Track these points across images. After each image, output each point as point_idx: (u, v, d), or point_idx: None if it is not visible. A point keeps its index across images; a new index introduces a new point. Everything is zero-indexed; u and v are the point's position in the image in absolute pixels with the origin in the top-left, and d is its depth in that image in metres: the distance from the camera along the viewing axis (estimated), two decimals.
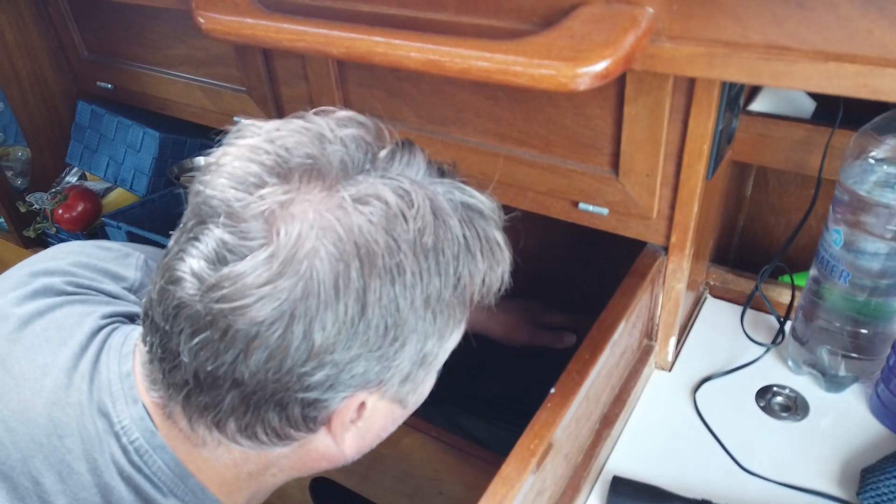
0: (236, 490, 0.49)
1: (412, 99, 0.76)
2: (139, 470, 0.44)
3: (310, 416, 0.43)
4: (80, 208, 1.24)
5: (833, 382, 0.72)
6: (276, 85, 0.91)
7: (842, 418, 0.70)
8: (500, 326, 0.94)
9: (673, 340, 0.76)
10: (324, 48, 0.52)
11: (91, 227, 1.26)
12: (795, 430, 0.70)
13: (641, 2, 0.43)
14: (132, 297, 0.57)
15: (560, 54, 0.43)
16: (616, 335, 0.64)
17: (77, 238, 1.26)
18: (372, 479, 1.00)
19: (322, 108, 0.43)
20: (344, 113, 0.43)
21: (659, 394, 0.75)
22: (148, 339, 0.43)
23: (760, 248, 0.94)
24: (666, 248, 0.71)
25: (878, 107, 0.56)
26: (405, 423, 0.86)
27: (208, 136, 1.39)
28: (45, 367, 0.47)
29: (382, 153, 0.42)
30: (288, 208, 0.39)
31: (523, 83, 0.45)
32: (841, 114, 0.68)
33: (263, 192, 0.39)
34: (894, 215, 0.60)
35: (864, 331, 0.67)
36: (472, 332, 0.53)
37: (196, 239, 0.40)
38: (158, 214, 1.24)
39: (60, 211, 1.23)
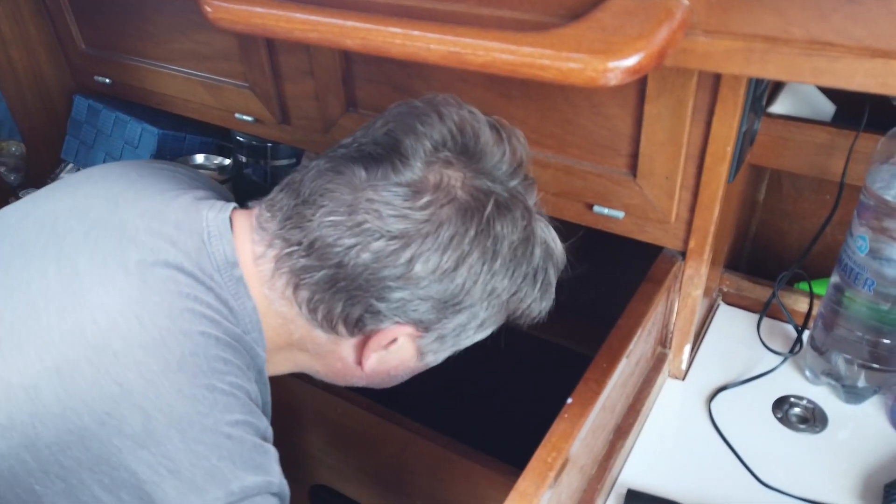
0: (276, 331, 0.56)
1: (421, 96, 0.74)
2: (206, 246, 0.54)
3: (363, 321, 0.53)
4: None
5: (852, 393, 0.70)
6: (280, 81, 0.89)
7: (861, 431, 0.68)
8: None
9: (687, 348, 0.74)
10: (338, 39, 0.50)
11: None
12: (814, 442, 0.68)
13: None
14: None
15: (591, 47, 0.41)
16: (633, 343, 0.62)
17: None
18: (371, 487, 0.97)
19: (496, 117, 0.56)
20: (516, 133, 0.56)
21: (673, 403, 0.73)
22: (284, 200, 0.54)
23: (773, 254, 0.92)
24: (683, 254, 0.69)
25: None
26: (409, 430, 0.84)
27: (207, 133, 1.35)
28: (165, 192, 0.58)
29: (521, 173, 0.55)
30: (445, 169, 0.51)
31: (551, 77, 0.42)
32: (866, 117, 0.66)
33: (436, 152, 0.52)
34: None
35: (886, 340, 0.65)
36: None
37: (371, 157, 0.52)
38: None
39: None
